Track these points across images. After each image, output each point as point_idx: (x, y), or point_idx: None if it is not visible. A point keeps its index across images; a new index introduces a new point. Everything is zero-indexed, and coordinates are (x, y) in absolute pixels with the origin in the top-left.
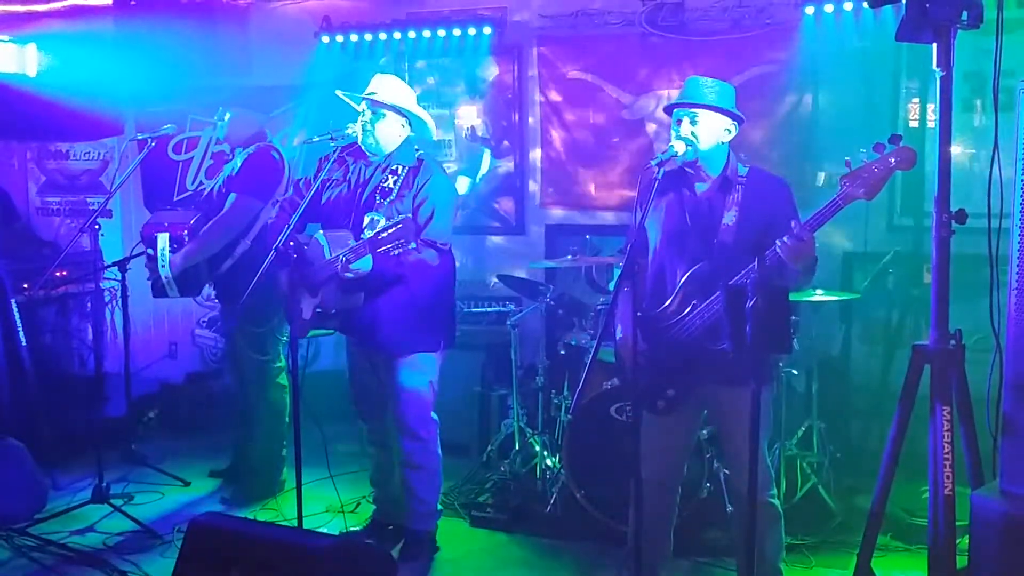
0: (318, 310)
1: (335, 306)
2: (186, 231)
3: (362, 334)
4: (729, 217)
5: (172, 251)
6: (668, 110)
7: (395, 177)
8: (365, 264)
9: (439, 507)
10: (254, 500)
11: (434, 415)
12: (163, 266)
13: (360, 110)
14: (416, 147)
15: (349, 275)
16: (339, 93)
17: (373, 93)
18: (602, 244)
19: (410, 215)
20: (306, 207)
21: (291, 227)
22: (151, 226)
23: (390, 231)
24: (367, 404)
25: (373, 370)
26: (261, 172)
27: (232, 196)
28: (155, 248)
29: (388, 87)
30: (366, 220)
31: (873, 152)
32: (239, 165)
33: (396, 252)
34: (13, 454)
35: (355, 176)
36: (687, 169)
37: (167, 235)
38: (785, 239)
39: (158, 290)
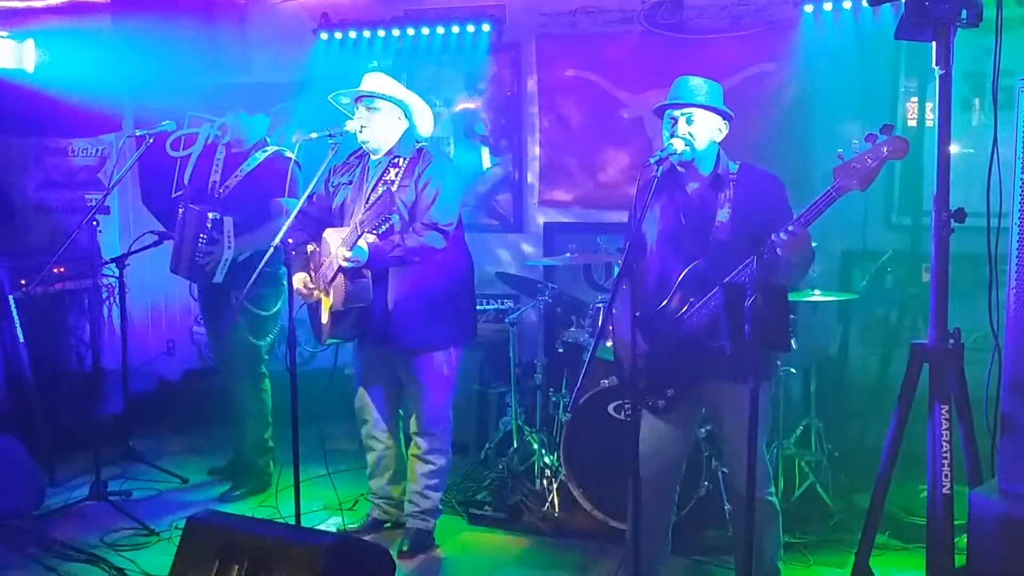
0: (333, 310)
1: (346, 302)
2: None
3: (379, 336)
4: (723, 214)
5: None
6: (660, 111)
7: (396, 169)
8: (361, 250)
9: (439, 505)
10: (247, 489)
11: (450, 413)
12: (229, 248)
13: (355, 109)
14: (417, 140)
15: (348, 264)
16: (331, 99)
17: (363, 90)
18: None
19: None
20: (321, 213)
21: (288, 225)
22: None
23: (370, 210)
24: (373, 399)
25: (388, 369)
26: (286, 174)
27: (273, 202)
28: (219, 233)
29: (378, 82)
30: None
31: (865, 143)
32: (258, 170)
33: (383, 228)
34: (10, 451)
35: (359, 175)
36: (679, 168)
37: (232, 219)
38: (781, 234)
39: (206, 273)
